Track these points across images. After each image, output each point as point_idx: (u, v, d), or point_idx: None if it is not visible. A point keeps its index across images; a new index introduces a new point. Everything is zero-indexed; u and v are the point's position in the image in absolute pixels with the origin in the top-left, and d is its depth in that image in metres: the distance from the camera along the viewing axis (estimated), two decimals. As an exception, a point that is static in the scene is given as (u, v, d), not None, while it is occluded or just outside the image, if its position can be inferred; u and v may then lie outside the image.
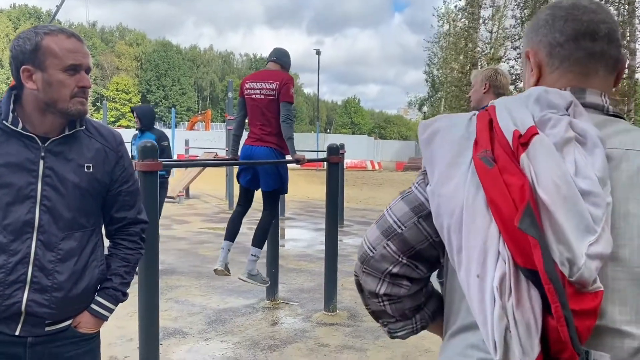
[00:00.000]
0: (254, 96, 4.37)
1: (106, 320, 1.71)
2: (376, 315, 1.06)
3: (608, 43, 0.98)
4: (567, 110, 0.90)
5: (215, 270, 4.44)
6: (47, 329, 1.56)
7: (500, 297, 0.79)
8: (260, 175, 4.38)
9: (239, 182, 4.58)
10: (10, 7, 70.94)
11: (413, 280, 1.00)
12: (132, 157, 12.86)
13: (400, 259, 0.97)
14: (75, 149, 1.58)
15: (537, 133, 0.85)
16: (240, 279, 4.42)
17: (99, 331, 1.75)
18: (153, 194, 3.04)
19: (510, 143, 0.85)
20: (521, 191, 0.80)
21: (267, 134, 4.33)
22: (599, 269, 0.80)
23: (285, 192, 4.60)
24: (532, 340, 0.78)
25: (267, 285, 4.72)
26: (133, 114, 5.86)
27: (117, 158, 1.68)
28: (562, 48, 1.00)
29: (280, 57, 4.55)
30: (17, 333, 1.52)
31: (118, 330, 4.15)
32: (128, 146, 4.52)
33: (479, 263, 0.82)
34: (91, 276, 1.62)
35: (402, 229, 0.97)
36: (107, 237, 1.79)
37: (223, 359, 3.66)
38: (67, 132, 1.56)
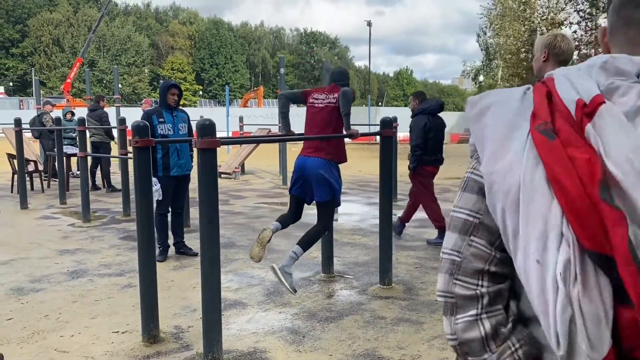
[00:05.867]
0: (316, 104, 4.44)
1: None
2: (466, 349, 0.88)
3: None
4: (638, 77, 0.80)
5: (264, 230, 4.29)
6: None
7: (564, 285, 0.71)
8: (314, 186, 4.35)
9: (290, 193, 4.53)
10: (70, -9, 73.38)
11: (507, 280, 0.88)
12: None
13: (493, 254, 0.86)
14: None
15: (604, 102, 0.76)
16: (272, 267, 4.14)
17: None
18: (213, 171, 3.13)
19: (573, 113, 0.77)
20: (589, 165, 0.72)
21: (323, 143, 4.36)
22: None
23: (338, 204, 4.56)
24: (601, 333, 0.70)
25: (294, 294, 4.27)
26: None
27: None
28: (611, 20, 0.93)
29: (340, 80, 4.57)
30: None
31: (182, 301, 4.35)
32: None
33: (538, 247, 0.74)
34: None
35: (479, 217, 0.87)
36: None
37: (282, 329, 3.77)
38: None
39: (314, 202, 4.45)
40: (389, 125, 4.70)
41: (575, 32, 27.93)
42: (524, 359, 0.84)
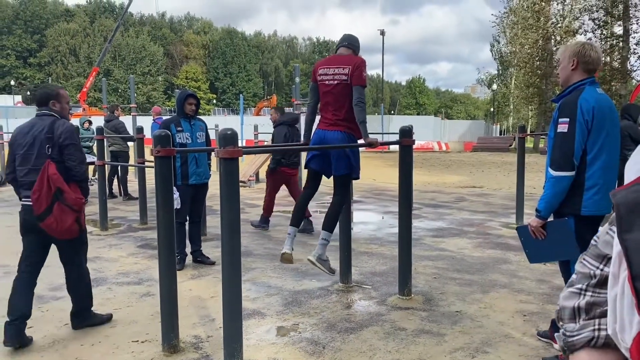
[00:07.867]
0: (327, 82, 4.35)
1: None
2: (561, 314, 0.95)
3: None
4: None
5: (283, 254, 4.35)
6: None
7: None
8: (333, 159, 4.39)
9: (307, 168, 4.58)
10: (87, 2, 74.65)
11: None
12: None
13: None
14: None
15: None
16: (309, 259, 4.38)
17: None
18: (235, 180, 3.12)
19: None
20: None
21: (341, 119, 4.32)
22: None
23: (356, 177, 4.57)
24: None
25: (332, 275, 4.70)
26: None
27: None
28: None
29: (352, 42, 4.55)
30: None
31: (201, 310, 4.34)
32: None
33: None
34: None
35: None
36: None
37: (301, 340, 3.74)
38: None
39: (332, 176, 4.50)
40: (408, 134, 4.66)
41: (590, 39, 27.61)
42: (602, 340, 0.86)
